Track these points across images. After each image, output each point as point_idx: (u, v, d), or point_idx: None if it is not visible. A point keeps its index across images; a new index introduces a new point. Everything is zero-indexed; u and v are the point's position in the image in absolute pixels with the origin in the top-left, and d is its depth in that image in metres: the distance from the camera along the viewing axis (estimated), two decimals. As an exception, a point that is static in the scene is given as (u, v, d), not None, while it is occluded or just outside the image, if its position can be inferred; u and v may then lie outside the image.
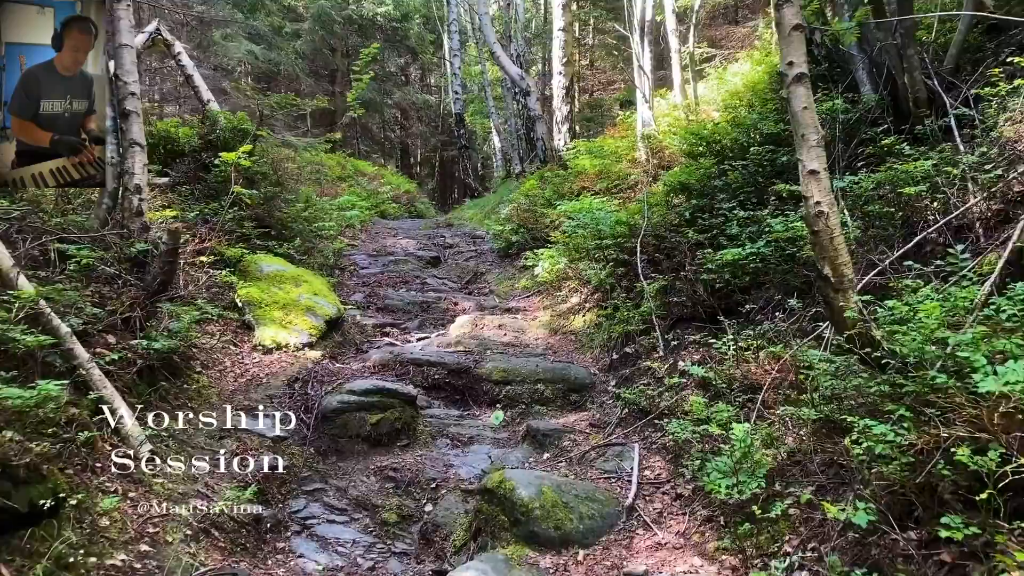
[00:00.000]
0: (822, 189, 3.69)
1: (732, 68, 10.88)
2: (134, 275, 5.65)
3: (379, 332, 8.29)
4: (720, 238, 6.08)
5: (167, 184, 8.62)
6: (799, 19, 3.76)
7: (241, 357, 6.70)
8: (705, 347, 5.53)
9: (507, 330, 7.73)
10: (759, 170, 6.34)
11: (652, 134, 9.87)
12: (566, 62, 12.46)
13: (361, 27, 30.96)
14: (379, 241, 14.19)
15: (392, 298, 9.52)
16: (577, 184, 10.56)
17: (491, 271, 11.64)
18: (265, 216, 9.17)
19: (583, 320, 7.40)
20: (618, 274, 7.03)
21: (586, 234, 7.50)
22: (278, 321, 7.23)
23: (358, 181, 19.54)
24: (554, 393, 6.09)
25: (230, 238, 8.17)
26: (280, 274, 7.89)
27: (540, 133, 13.13)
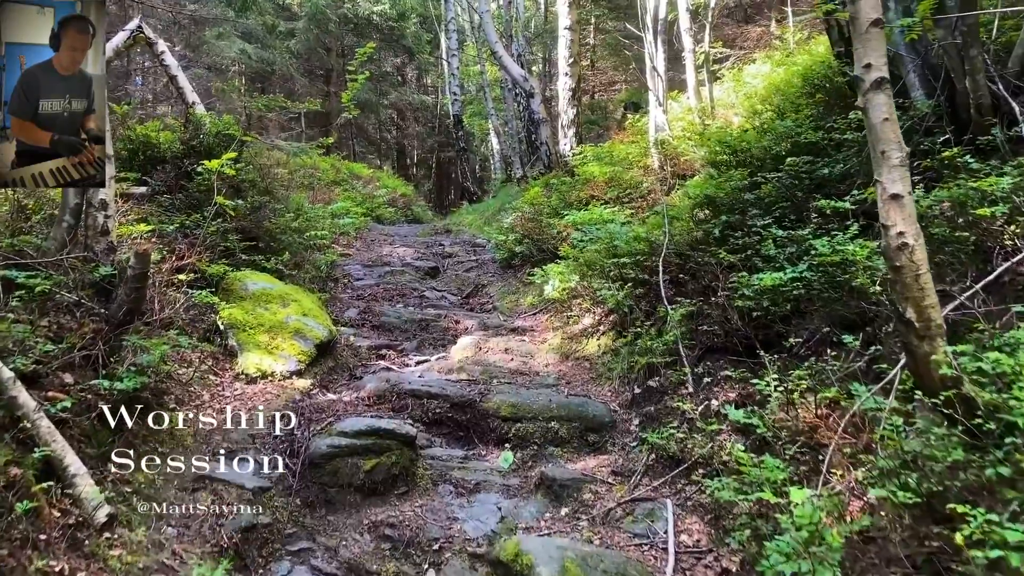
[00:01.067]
0: (906, 217, 3.07)
1: (749, 69, 10.27)
2: (98, 303, 5.01)
3: (374, 355, 7.65)
4: (754, 259, 5.46)
5: (145, 194, 7.97)
6: (878, 12, 3.13)
7: (222, 388, 6.06)
8: (742, 384, 4.92)
9: (514, 354, 7.09)
10: (796, 183, 5.73)
11: (666, 140, 9.26)
12: (572, 63, 11.83)
13: (357, 26, 30.42)
14: (375, 249, 13.56)
15: (388, 315, 8.88)
16: (585, 192, 9.93)
17: (493, 283, 11.01)
18: (252, 227, 8.53)
19: (597, 344, 6.77)
20: (636, 295, 6.40)
21: (600, 250, 6.88)
22: (264, 346, 6.59)
23: (353, 185, 18.88)
24: (570, 433, 5.45)
25: (213, 253, 7.53)
26: (267, 292, 7.24)
27: (544, 137, 12.50)
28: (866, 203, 5.15)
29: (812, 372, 4.42)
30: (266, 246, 8.66)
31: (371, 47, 20.04)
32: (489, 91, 21.87)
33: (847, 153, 5.70)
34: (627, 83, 24.59)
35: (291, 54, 27.68)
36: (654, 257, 6.33)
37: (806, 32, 10.46)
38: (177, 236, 7.30)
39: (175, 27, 23.82)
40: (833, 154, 5.81)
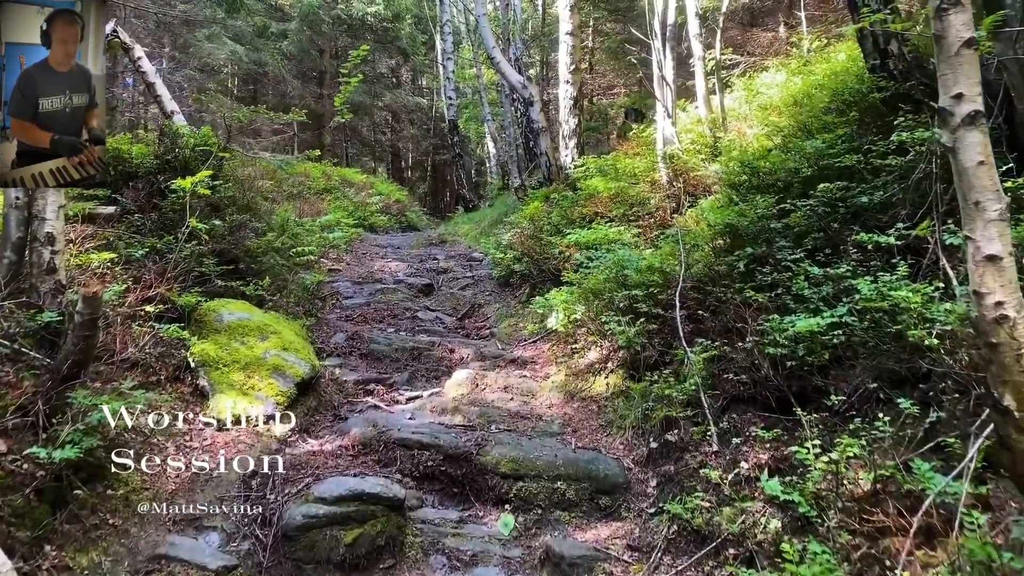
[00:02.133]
0: (1006, 283, 2.48)
1: (763, 78, 9.68)
2: (42, 352, 4.40)
3: (362, 390, 7.04)
4: (784, 297, 4.86)
5: (114, 214, 7.34)
6: (971, 30, 2.54)
7: (190, 437, 5.43)
8: (775, 445, 4.32)
9: (514, 393, 6.49)
10: (829, 212, 5.13)
11: (676, 154, 8.66)
12: (574, 70, 11.21)
13: (350, 27, 29.88)
14: (366, 264, 12.95)
15: (378, 341, 8.27)
16: (588, 208, 9.33)
17: (490, 303, 10.41)
18: (231, 248, 7.91)
19: (606, 383, 6.17)
20: (648, 330, 5.80)
21: (608, 278, 6.28)
22: (238, 387, 5.98)
23: (345, 193, 18.28)
24: (579, 495, 4.84)
25: (186, 280, 6.91)
26: (244, 324, 6.62)
27: (544, 147, 11.88)
28: (910, 238, 4.58)
29: (859, 435, 3.82)
30: (247, 268, 8.05)
31: (365, 49, 19.30)
32: (485, 95, 21.24)
33: (886, 179, 5.10)
34: (626, 87, 24.00)
35: (283, 56, 27.10)
36: (669, 290, 5.74)
37: (821, 38, 9.87)
38: (146, 262, 6.68)
39: (163, 29, 23.22)
40: (870, 180, 5.21)
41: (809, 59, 9.20)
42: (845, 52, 8.35)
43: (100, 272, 6.18)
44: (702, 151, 8.86)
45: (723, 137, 8.86)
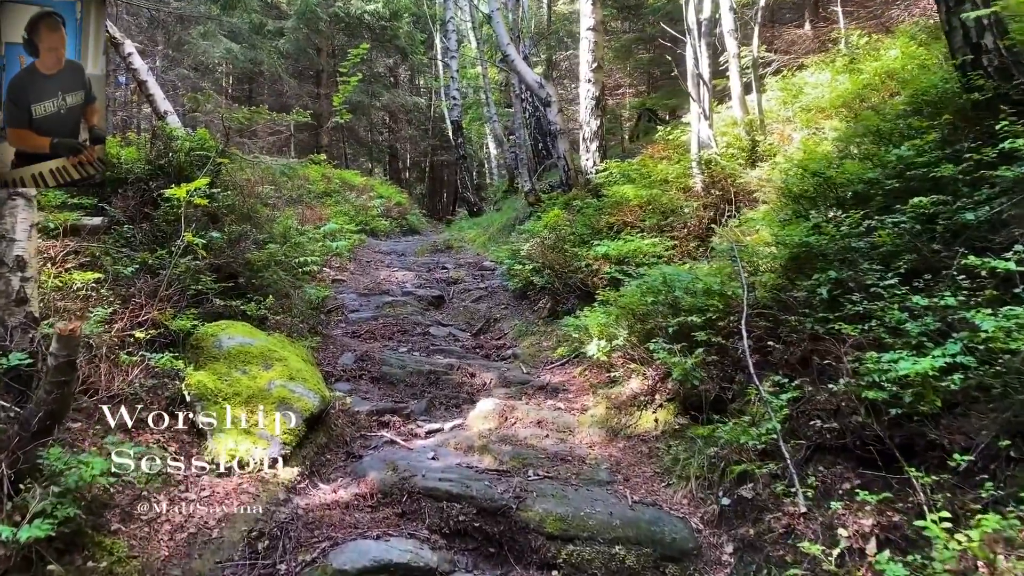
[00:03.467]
0: None
1: (807, 78, 9.00)
2: (9, 400, 3.70)
3: (376, 421, 6.35)
4: (879, 330, 4.18)
5: (101, 225, 6.62)
6: None
7: (185, 487, 4.72)
8: (880, 508, 3.64)
9: (548, 428, 5.80)
10: (926, 230, 4.45)
11: (714, 158, 7.98)
12: (596, 68, 10.49)
13: (348, 25, 29.32)
14: (371, 273, 12.26)
15: (390, 362, 7.57)
16: (616, 217, 8.65)
17: (507, 318, 9.72)
18: (230, 262, 7.20)
19: (654, 419, 5.49)
20: (705, 361, 5.11)
21: (656, 301, 5.60)
22: (240, 424, 5.26)
23: (345, 196, 17.56)
24: (641, 562, 4.14)
25: (182, 299, 6.22)
26: (245, 350, 5.91)
27: (562, 151, 11.18)
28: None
29: (998, 506, 3.15)
30: (247, 283, 7.35)
31: (364, 48, 18.66)
32: (490, 95, 20.53)
33: (990, 192, 4.43)
34: (634, 87, 23.35)
35: (279, 54, 26.48)
36: (731, 316, 5.05)
37: (867, 34, 9.20)
38: (136, 280, 5.98)
39: (156, 26, 22.53)
40: (969, 193, 4.53)
41: (855, 56, 8.54)
42: (899, 48, 7.68)
43: (84, 294, 5.48)
44: (738, 156, 8.19)
45: (763, 141, 8.19)
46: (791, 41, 11.40)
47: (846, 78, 8.08)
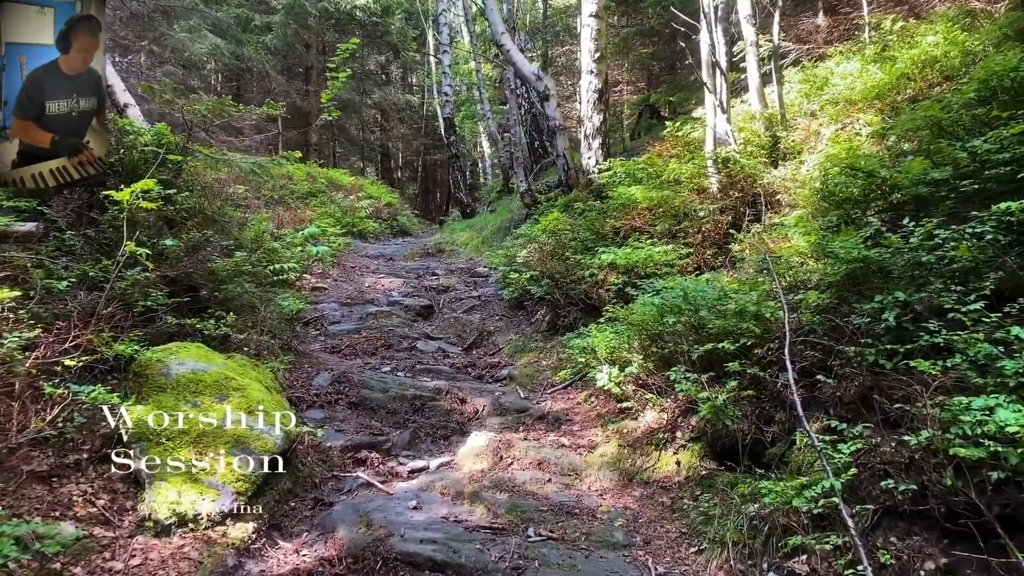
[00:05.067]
0: None
1: (827, 68, 8.18)
2: None
3: (351, 458, 5.52)
4: (963, 366, 3.36)
5: (35, 232, 5.76)
6: None
7: (111, 554, 3.89)
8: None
9: (551, 471, 4.96)
10: (1016, 242, 3.64)
11: (732, 156, 7.16)
12: (598, 58, 9.63)
13: (339, 21, 28.57)
14: (355, 279, 11.41)
15: (371, 384, 6.74)
16: (622, 221, 7.82)
17: (501, 330, 8.90)
18: (190, 273, 6.36)
19: (675, 461, 4.67)
20: (739, 396, 4.29)
21: (680, 322, 4.78)
22: (186, 470, 4.45)
23: (332, 197, 16.69)
24: (671, 660, 3.33)
25: (126, 317, 5.38)
26: (198, 379, 5.06)
27: (561, 149, 10.34)
28: None
29: None
30: (210, 297, 6.52)
31: (355, 42, 17.81)
32: (484, 91, 19.67)
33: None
34: (632, 84, 22.54)
35: (267, 50, 25.66)
36: (770, 343, 4.23)
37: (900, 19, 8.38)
38: (68, 298, 5.13)
39: (138, 20, 21.65)
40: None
41: (888, 43, 7.73)
42: (939, 34, 6.87)
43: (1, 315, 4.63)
44: (757, 154, 7.38)
45: (785, 137, 7.38)
46: (808, 30, 10.59)
47: (877, 68, 7.27)
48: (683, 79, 17.22)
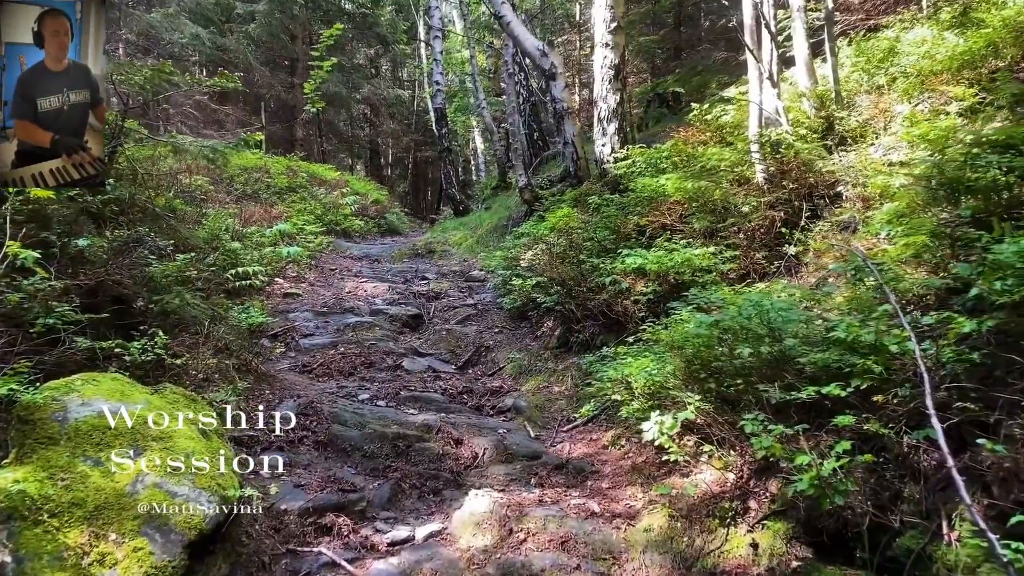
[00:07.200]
0: None
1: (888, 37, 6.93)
2: None
3: (313, 525, 4.23)
4: None
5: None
6: None
7: None
8: None
9: (579, 554, 3.68)
10: None
11: (786, 139, 5.91)
12: (615, 28, 8.30)
13: (326, 12, 27.39)
14: (335, 284, 10.11)
15: (344, 420, 5.45)
16: (648, 218, 6.56)
17: (502, 345, 7.63)
18: (118, 280, 5.07)
19: (750, 544, 3.40)
20: (851, 463, 3.02)
21: (755, 354, 3.52)
22: (73, 561, 3.18)
23: (313, 192, 15.38)
24: None
25: (15, 341, 4.10)
26: (105, 424, 3.75)
27: (570, 136, 9.05)
28: None
29: None
30: (144, 309, 5.24)
31: (339, 28, 16.58)
32: (478, 81, 18.38)
33: None
34: (634, 74, 21.34)
35: (250, 40, 24.45)
36: (898, 389, 2.97)
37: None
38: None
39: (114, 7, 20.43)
40: None
41: (969, 6, 6.49)
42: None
43: None
44: (809, 137, 6.14)
45: (844, 118, 6.14)
46: (846, 1, 9.34)
47: (955, 34, 6.05)
48: (692, 65, 16.06)
